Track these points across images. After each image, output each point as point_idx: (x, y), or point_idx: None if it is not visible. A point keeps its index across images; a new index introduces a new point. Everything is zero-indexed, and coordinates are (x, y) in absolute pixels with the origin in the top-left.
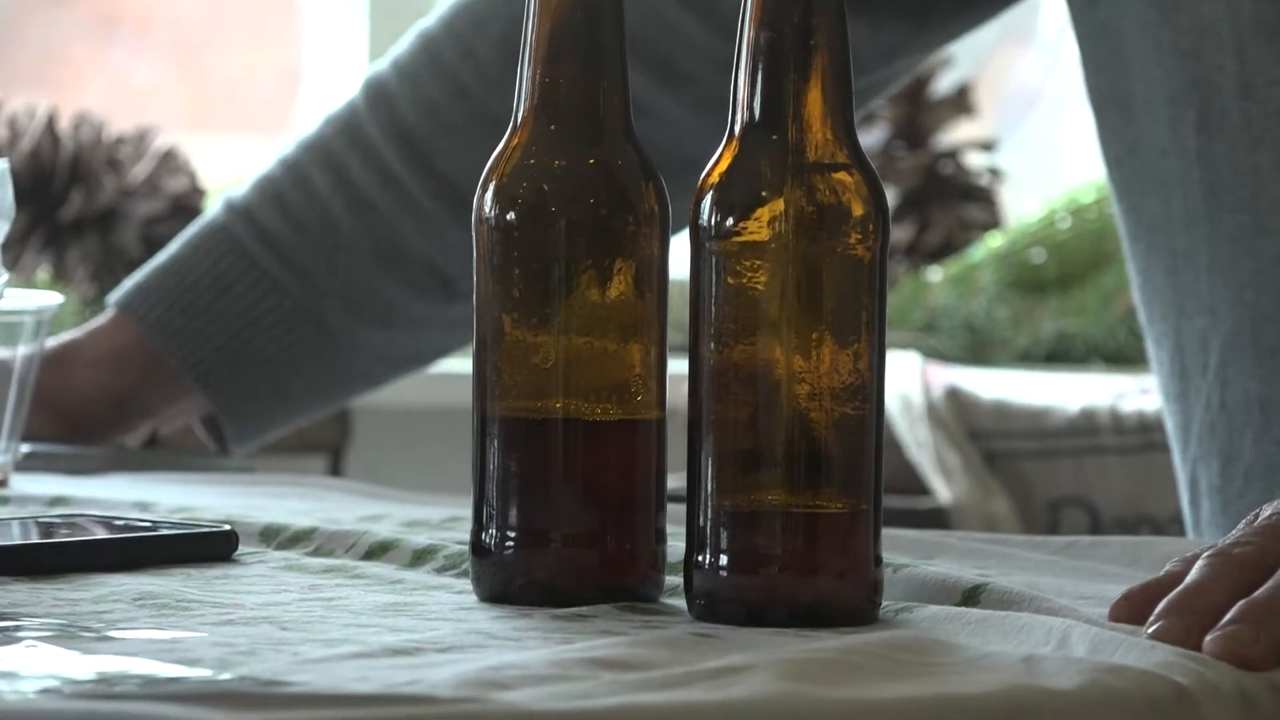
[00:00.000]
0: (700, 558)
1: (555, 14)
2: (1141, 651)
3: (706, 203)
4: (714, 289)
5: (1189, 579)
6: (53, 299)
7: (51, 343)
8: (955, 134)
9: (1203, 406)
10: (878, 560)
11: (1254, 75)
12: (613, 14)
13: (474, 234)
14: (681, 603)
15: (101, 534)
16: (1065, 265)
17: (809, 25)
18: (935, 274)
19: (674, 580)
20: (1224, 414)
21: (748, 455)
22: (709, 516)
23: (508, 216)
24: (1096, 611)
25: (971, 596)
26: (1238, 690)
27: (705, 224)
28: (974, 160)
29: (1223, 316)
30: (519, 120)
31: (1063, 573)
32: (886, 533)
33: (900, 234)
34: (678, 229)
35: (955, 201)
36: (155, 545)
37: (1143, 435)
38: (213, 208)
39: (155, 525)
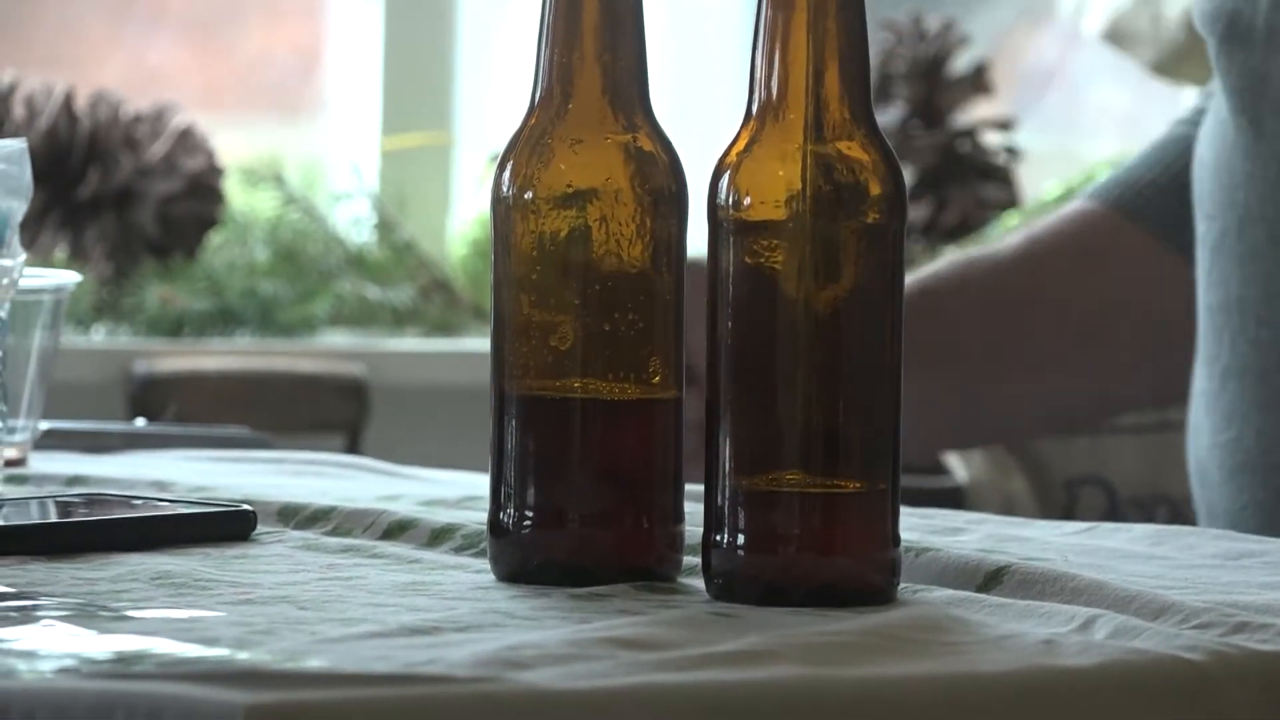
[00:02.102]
0: (718, 537)
1: None
2: (1164, 637)
3: (724, 182)
4: (731, 268)
5: None
6: (70, 278)
7: None
8: (972, 113)
9: (1197, 310)
10: (896, 540)
11: None
12: None
13: (491, 214)
14: (699, 582)
15: (119, 513)
16: None
17: (825, 4)
18: (952, 253)
19: (692, 560)
20: (1208, 315)
21: (766, 435)
22: (727, 496)
23: (526, 196)
24: (1120, 588)
25: (995, 578)
26: (1260, 672)
27: (723, 203)
28: (991, 139)
29: (1214, 220)
30: (536, 100)
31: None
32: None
33: (917, 213)
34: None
35: (972, 180)
36: (173, 524)
37: (1160, 414)
38: None
39: (173, 504)
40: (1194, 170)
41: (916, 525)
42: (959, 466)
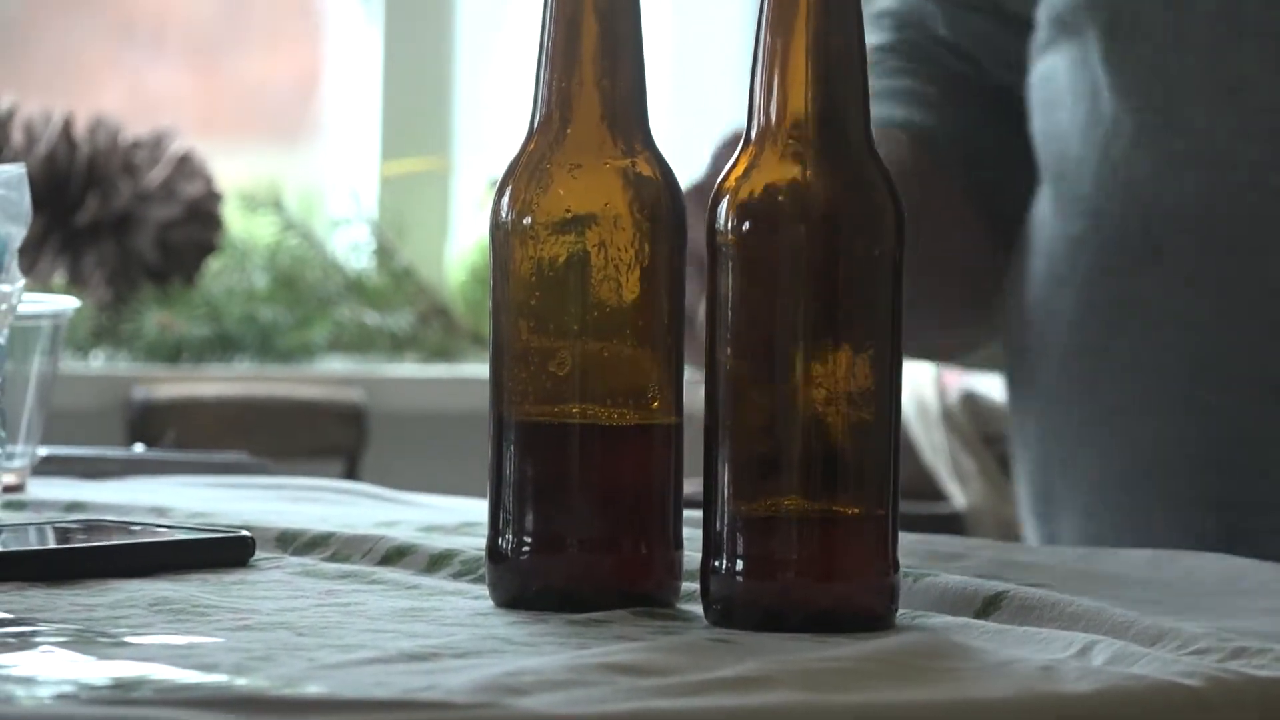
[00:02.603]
0: (717, 563)
1: (572, 18)
2: (1162, 663)
3: (723, 207)
4: (731, 294)
5: None
6: (69, 303)
7: None
8: None
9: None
10: (895, 565)
11: None
12: (630, 18)
13: (490, 239)
14: (698, 608)
15: (118, 539)
16: None
17: (825, 28)
18: None
19: (690, 586)
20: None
21: (764, 460)
22: (725, 521)
23: (524, 221)
24: (1118, 614)
25: (993, 604)
26: (1258, 698)
27: (722, 228)
28: None
29: (1099, 218)
30: (535, 125)
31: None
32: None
33: None
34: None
35: None
36: (171, 550)
37: None
38: None
39: (171, 530)
40: (1056, 165)
41: (916, 550)
42: (957, 492)
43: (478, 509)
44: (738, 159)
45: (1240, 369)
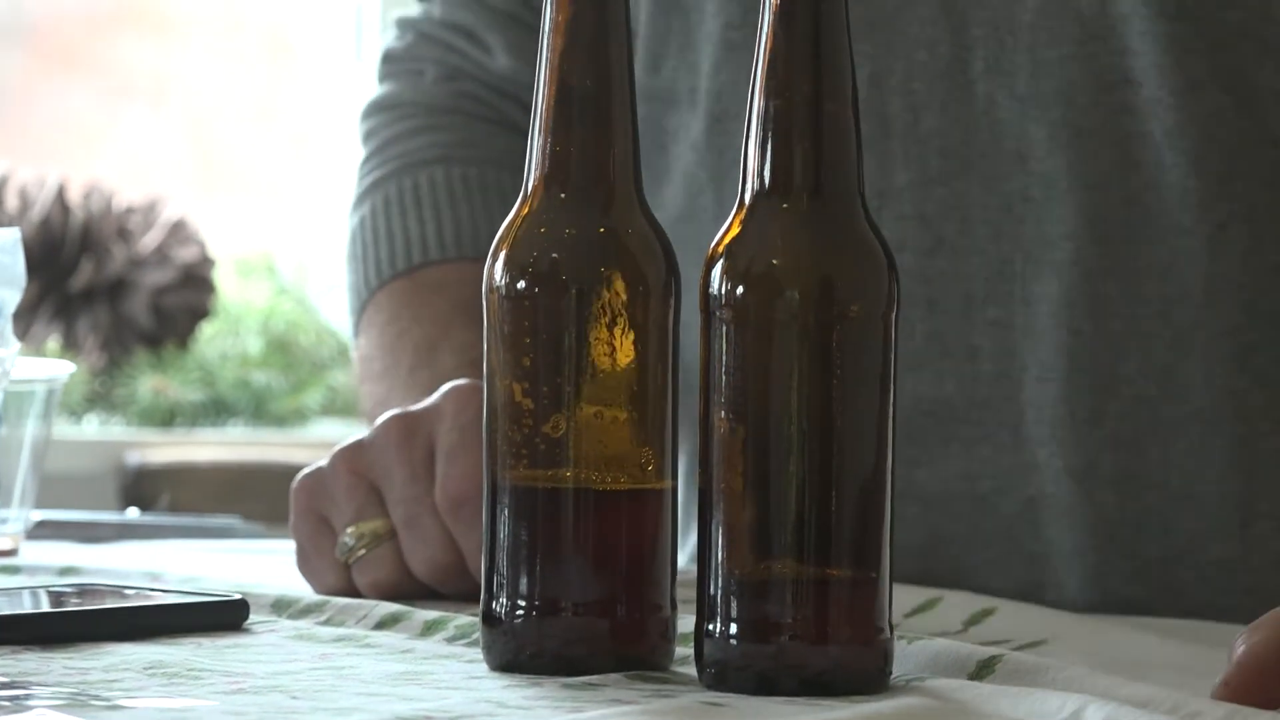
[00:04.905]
0: (711, 626)
1: (564, 82)
2: None
3: (717, 271)
4: (724, 358)
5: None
6: (64, 368)
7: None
8: None
9: None
10: (889, 628)
11: None
12: (621, 82)
13: (484, 302)
14: (692, 671)
15: (112, 603)
16: None
17: (818, 93)
18: None
19: (685, 650)
20: None
21: (758, 524)
22: (719, 585)
23: (518, 285)
24: (1107, 681)
25: (986, 667)
26: None
27: (716, 293)
28: None
29: None
30: (529, 189)
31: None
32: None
33: None
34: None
35: None
36: (166, 614)
37: None
38: None
39: (166, 594)
40: None
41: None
42: None
43: None
44: (731, 222)
45: None
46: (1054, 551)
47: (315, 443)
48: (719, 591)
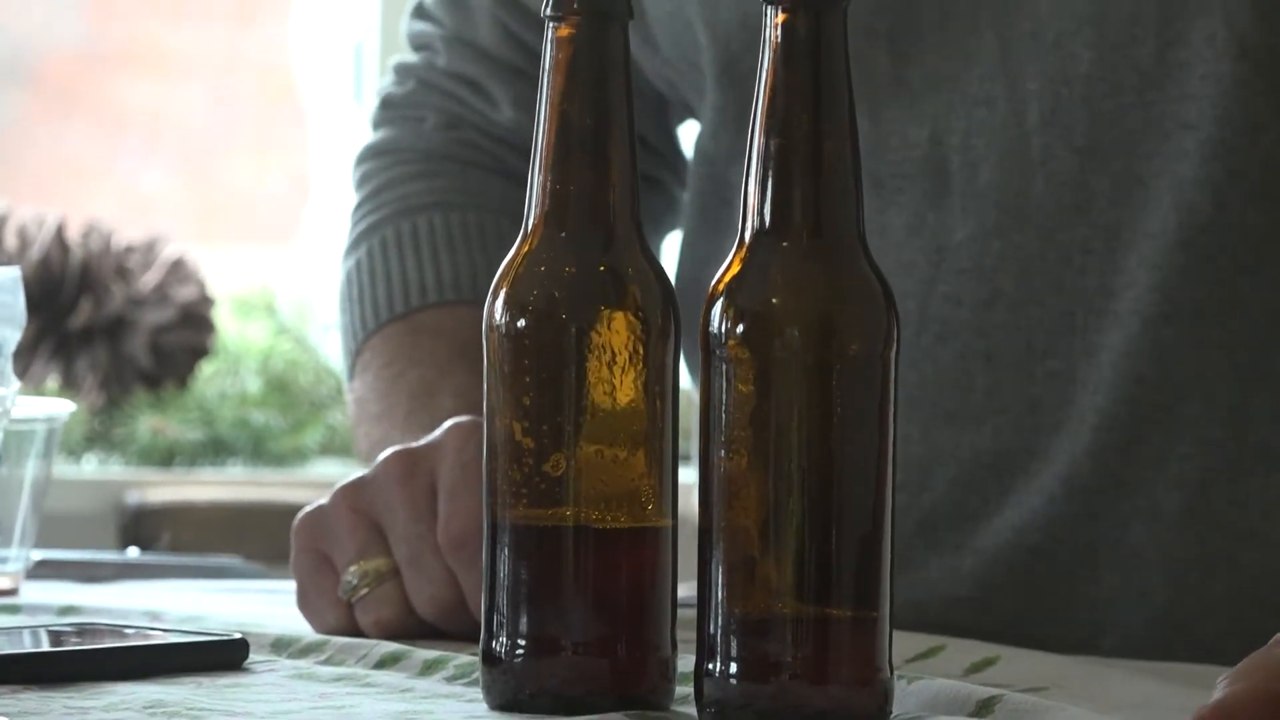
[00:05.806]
0: (711, 665)
1: (564, 120)
2: None
3: (717, 309)
4: (724, 396)
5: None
6: (64, 407)
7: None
8: None
9: None
10: (889, 667)
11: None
12: (621, 120)
13: (484, 341)
14: (692, 710)
15: (112, 642)
16: None
17: (818, 131)
18: None
19: (684, 690)
20: None
21: (758, 563)
22: (719, 624)
23: (518, 324)
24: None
25: (986, 707)
26: None
27: (716, 331)
28: None
29: None
30: (529, 227)
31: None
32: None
33: None
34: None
35: None
36: (166, 653)
37: None
38: None
39: (166, 634)
40: None
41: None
42: None
43: None
44: (731, 260)
45: None
46: (1117, 596)
47: (315, 482)
48: (719, 630)
